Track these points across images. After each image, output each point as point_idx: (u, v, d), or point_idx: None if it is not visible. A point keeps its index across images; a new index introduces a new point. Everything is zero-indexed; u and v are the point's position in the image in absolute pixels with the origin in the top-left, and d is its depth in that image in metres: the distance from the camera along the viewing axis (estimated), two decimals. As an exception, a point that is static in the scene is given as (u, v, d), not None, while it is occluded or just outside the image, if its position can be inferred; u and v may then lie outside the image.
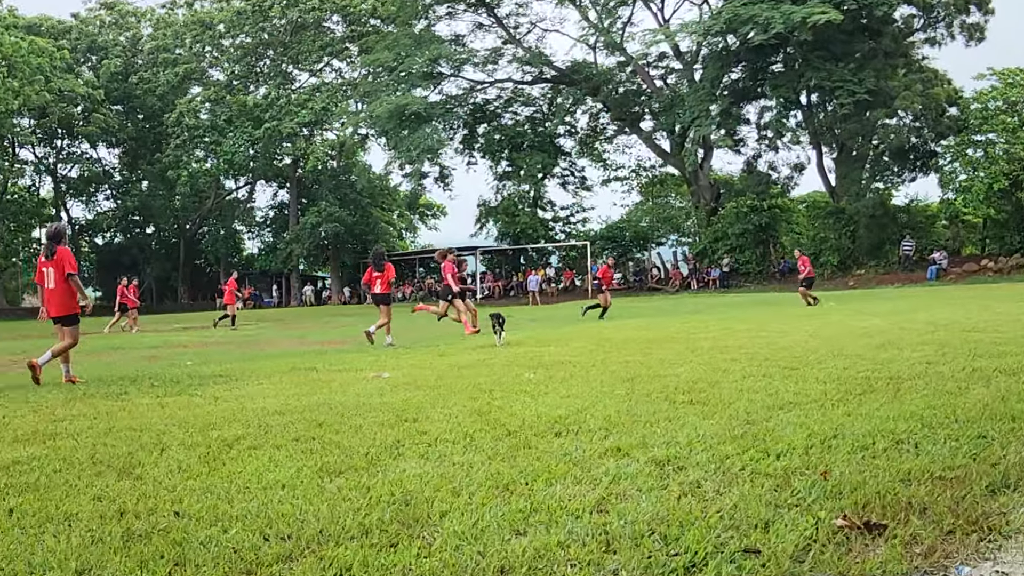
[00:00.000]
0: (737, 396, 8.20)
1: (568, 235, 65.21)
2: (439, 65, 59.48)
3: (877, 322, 17.81)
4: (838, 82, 49.65)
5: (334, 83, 65.82)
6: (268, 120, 61.40)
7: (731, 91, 54.74)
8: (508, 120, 63.16)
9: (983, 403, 7.08)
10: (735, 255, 54.71)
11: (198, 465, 6.18)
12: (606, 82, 59.45)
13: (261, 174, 69.69)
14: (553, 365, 12.08)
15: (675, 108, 55.01)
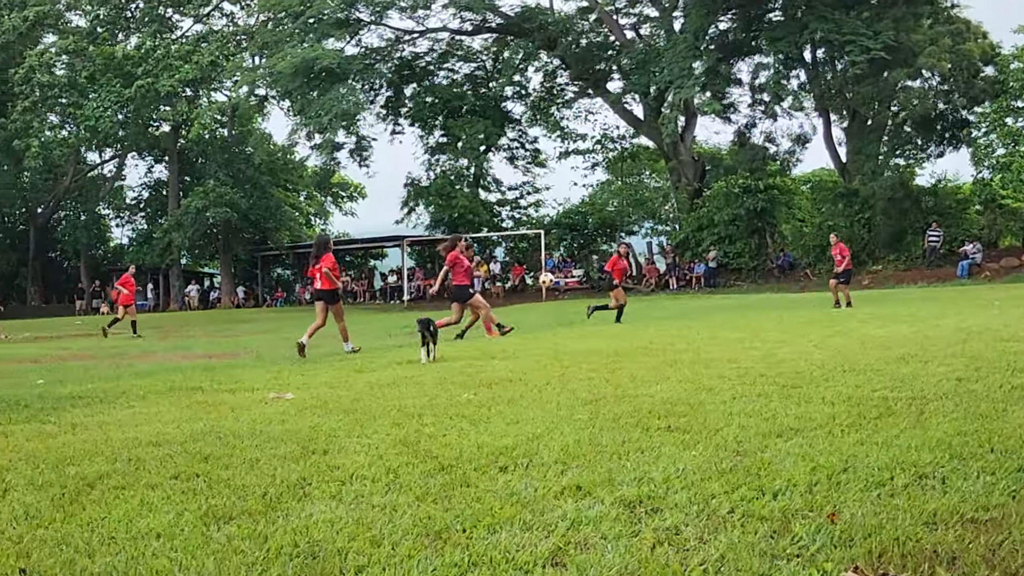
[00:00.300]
0: (725, 421, 8.23)
1: (517, 222, 65.22)
2: (357, 10, 59.14)
3: (897, 329, 17.94)
4: (849, 35, 50.01)
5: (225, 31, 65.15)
6: (141, 77, 60.28)
7: (719, 45, 55.01)
8: (443, 79, 63.02)
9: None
10: (724, 247, 54.84)
11: (50, 510, 6.09)
12: (564, 33, 59.30)
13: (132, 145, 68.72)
14: (499, 383, 12.04)
15: (650, 65, 55.07)
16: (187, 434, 8.92)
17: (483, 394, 10.96)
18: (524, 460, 6.97)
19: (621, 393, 10.42)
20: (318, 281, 20.78)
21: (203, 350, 24.18)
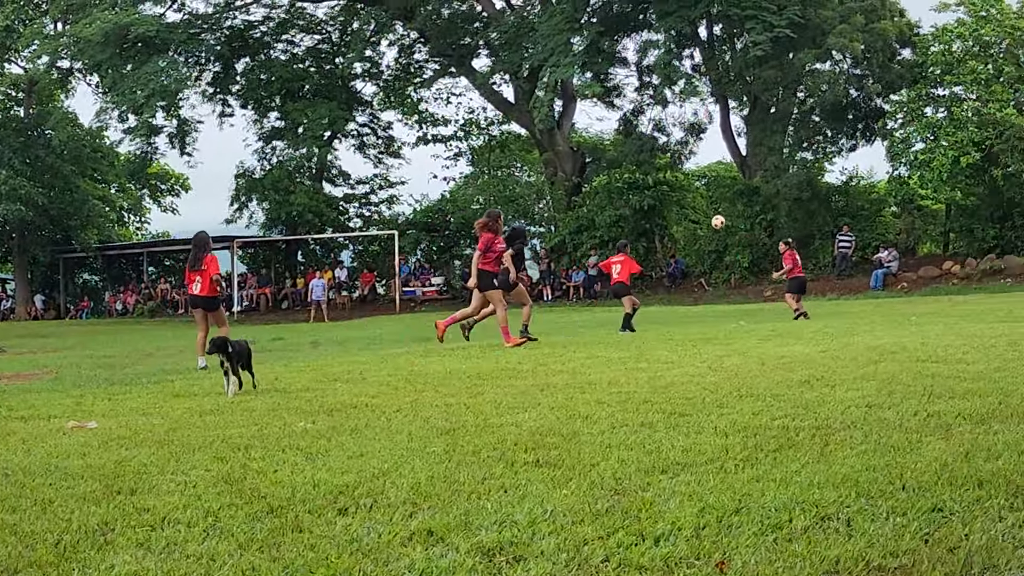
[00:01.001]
0: (603, 454, 8.26)
1: (367, 221, 65.08)
2: (180, -31, 58.92)
3: (801, 348, 18.17)
4: (750, 10, 50.74)
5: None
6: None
7: (602, 18, 55.46)
8: (281, 54, 62.75)
9: (940, 462, 7.28)
10: (607, 252, 54.94)
11: None
12: (424, 1, 59.41)
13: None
14: (341, 410, 12.00)
15: (522, 40, 55.33)
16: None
17: (322, 422, 10.89)
18: (368, 500, 6.93)
19: (483, 422, 10.41)
20: (196, 285, 20.83)
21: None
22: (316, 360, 21.35)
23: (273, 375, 17.34)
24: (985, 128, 50.99)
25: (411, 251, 62.14)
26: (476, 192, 64.59)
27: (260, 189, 62.95)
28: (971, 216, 52.89)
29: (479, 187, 65.05)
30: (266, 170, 63.41)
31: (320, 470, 8.09)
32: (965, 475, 6.85)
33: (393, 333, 32.21)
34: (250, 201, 63.42)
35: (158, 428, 11.06)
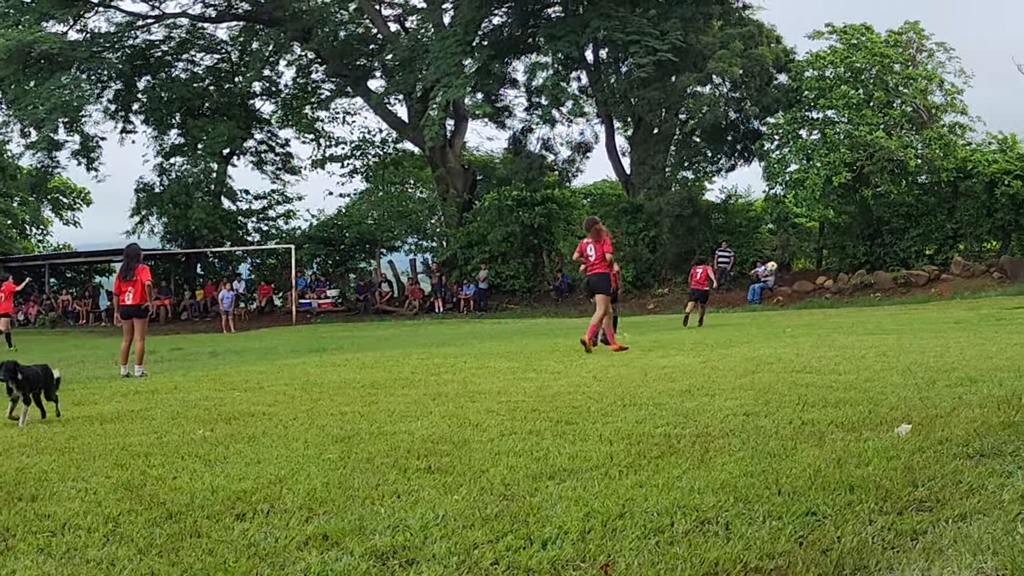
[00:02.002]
0: (492, 461, 8.27)
1: (265, 235, 64.69)
2: (83, -10, 58.32)
3: (683, 359, 18.29)
4: (634, 35, 51.04)
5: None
6: None
7: (492, 41, 55.57)
8: (182, 72, 62.12)
9: (814, 468, 7.37)
10: (496, 266, 55.11)
11: None
12: (321, 23, 59.17)
13: None
14: (239, 418, 11.93)
15: (416, 62, 55.32)
16: None
17: (221, 430, 10.83)
18: (264, 506, 6.91)
19: (377, 430, 10.40)
20: (129, 296, 20.68)
21: None
22: (215, 370, 21.19)
23: (172, 384, 17.19)
24: (856, 150, 51.58)
25: (308, 264, 61.86)
26: (371, 207, 64.29)
27: (159, 203, 62.39)
28: (843, 233, 53.49)
29: (373, 203, 64.72)
30: (165, 185, 62.81)
31: (218, 476, 8.04)
32: (837, 480, 6.93)
33: (290, 344, 32.04)
34: (150, 215, 62.80)
35: (59, 436, 10.94)
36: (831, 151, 52.49)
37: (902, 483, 6.83)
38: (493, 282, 55.05)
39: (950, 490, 6.64)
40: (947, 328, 23.79)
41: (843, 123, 53.41)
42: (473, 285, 55.12)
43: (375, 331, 40.55)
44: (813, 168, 52.88)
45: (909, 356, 16.56)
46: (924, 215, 51.88)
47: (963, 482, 6.86)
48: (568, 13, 54.17)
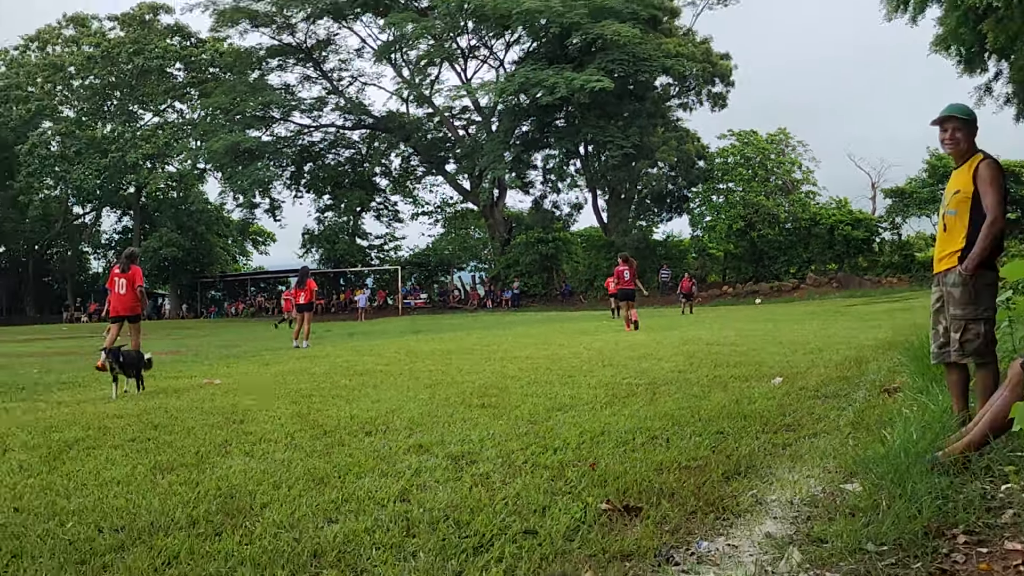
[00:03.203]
0: (522, 400, 8.27)
1: (382, 260, 64.72)
2: (270, 110, 58.43)
3: (639, 337, 18.29)
4: (609, 137, 50.97)
5: (176, 122, 63.28)
6: (114, 152, 58.73)
7: (522, 141, 55.52)
8: (331, 160, 62.22)
9: (721, 405, 7.35)
10: (524, 279, 55.18)
11: (39, 464, 5.87)
12: (416, 130, 59.31)
13: (107, 201, 66.27)
14: (367, 373, 11.96)
15: (475, 154, 55.34)
16: (142, 409, 8.67)
17: (356, 381, 10.87)
18: (383, 427, 6.94)
19: (451, 380, 10.43)
20: (302, 297, 21.20)
21: (157, 348, 23.35)
22: (352, 343, 21.25)
23: (325, 352, 17.23)
24: (747, 207, 51.45)
25: (407, 278, 61.92)
26: (447, 244, 64.24)
27: (318, 241, 62.61)
28: (738, 259, 53.27)
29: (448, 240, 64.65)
30: (321, 229, 62.99)
31: (354, 409, 8.07)
32: (736, 412, 6.91)
33: (397, 328, 32.06)
34: (312, 248, 62.95)
35: (256, 384, 11.00)
36: (731, 208, 52.43)
37: (776, 414, 6.81)
38: (522, 289, 54.86)
39: (806, 419, 6.62)
40: (804, 318, 23.65)
41: (739, 191, 53.24)
42: (510, 291, 54.92)
43: (449, 320, 40.55)
44: (720, 219, 52.79)
45: (780, 335, 16.48)
46: (789, 248, 51.65)
47: (814, 414, 6.84)
48: (568, 123, 54.03)
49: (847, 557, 3.37)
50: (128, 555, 3.69)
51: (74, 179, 60.01)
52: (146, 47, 60.55)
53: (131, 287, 14.71)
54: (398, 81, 58.80)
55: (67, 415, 8.45)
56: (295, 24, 57.32)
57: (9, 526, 4.22)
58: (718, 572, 3.32)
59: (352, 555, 3.59)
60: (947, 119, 5.51)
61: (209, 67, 61.39)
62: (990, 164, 5.39)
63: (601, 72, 47.89)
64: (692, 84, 54.84)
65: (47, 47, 63.65)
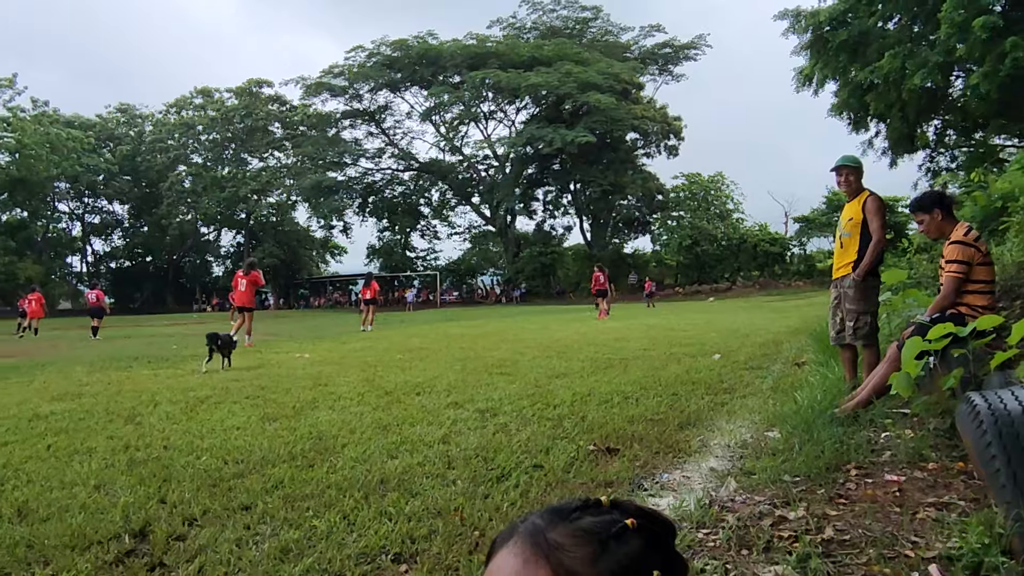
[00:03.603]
0: (529, 370, 8.27)
1: (425, 267, 64.61)
2: (344, 157, 58.43)
3: (614, 325, 18.25)
4: (592, 177, 50.99)
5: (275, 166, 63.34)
6: (230, 188, 59.17)
7: (528, 180, 55.56)
8: (388, 194, 61.95)
9: (676, 375, 7.35)
10: (529, 282, 55.03)
11: (180, 414, 5.91)
12: (450, 172, 59.28)
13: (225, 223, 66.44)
14: (416, 350, 11.97)
15: (494, 190, 55.32)
16: (254, 375, 8.69)
17: (408, 355, 10.86)
18: (428, 389, 6.94)
19: (476, 355, 10.42)
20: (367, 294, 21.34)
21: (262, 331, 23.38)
22: (403, 329, 21.22)
23: (383, 335, 17.23)
24: (693, 229, 51.33)
25: (444, 280, 61.88)
26: (472, 255, 64.00)
27: (378, 253, 62.57)
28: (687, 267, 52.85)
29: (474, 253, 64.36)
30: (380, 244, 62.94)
31: (407, 375, 8.07)
32: (687, 380, 6.90)
33: (436, 317, 32.03)
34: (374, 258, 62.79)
35: (336, 357, 11.01)
36: (682, 230, 52.32)
37: (716, 381, 6.81)
38: (528, 289, 54.76)
39: (738, 384, 6.61)
40: (735, 311, 23.59)
41: (687, 217, 53.14)
42: (519, 290, 54.84)
43: (475, 311, 40.52)
44: (673, 238, 52.66)
45: (718, 323, 16.43)
46: (724, 259, 51.40)
47: (744, 380, 6.83)
48: (562, 167, 53.96)
49: (770, 485, 3.38)
50: (246, 480, 3.72)
51: (201, 208, 60.44)
52: (253, 111, 60.78)
53: (249, 286, 14.87)
54: (437, 136, 58.81)
55: (198, 379, 8.48)
56: (362, 94, 57.43)
57: (162, 459, 4.26)
58: (676, 495, 3.33)
59: (409, 482, 3.62)
60: (841, 167, 5.53)
61: (299, 126, 61.38)
62: (875, 199, 5.40)
63: (586, 130, 47.91)
64: (653, 139, 54.71)
65: (181, 111, 63.92)
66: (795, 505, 3.07)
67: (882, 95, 21.33)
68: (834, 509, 3.02)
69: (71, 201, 64.16)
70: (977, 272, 4.40)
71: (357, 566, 2.57)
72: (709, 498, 3.24)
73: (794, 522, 2.89)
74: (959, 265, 4.41)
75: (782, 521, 2.91)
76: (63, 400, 6.98)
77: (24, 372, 10.13)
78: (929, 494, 3.17)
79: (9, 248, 52.57)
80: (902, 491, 3.22)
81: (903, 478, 3.39)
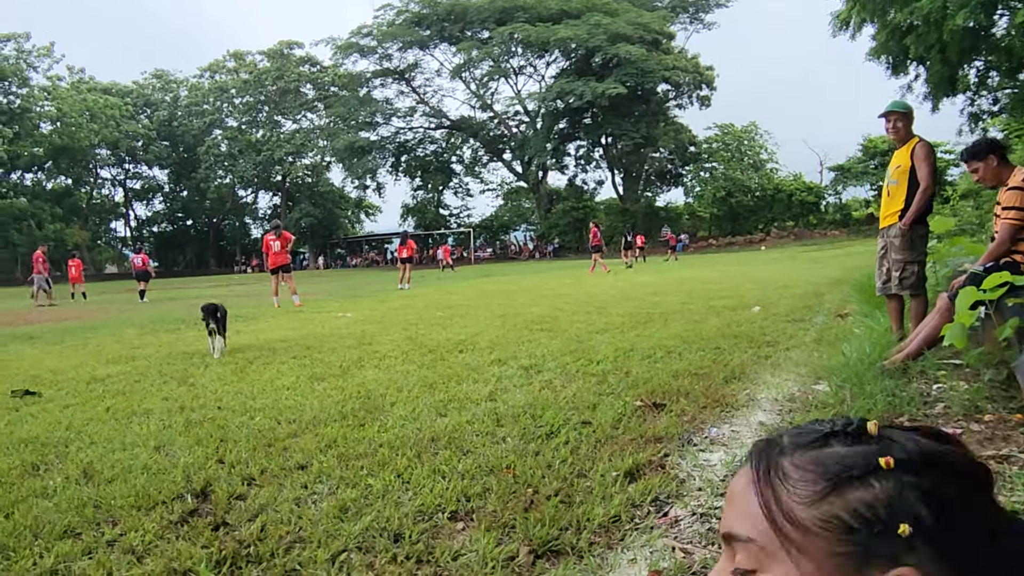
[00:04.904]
0: (569, 325, 8.24)
1: (458, 225, 64.58)
2: (376, 117, 58.24)
3: (648, 279, 18.12)
4: (623, 131, 50.22)
5: (308, 128, 63.51)
6: (265, 151, 59.49)
7: (559, 135, 54.87)
8: (420, 153, 61.68)
9: (717, 328, 7.26)
10: (562, 237, 54.83)
11: (231, 375, 5.98)
12: (482, 129, 58.88)
13: (262, 185, 66.93)
14: (454, 307, 11.99)
15: (524, 146, 54.86)
16: (299, 335, 8.77)
17: (447, 313, 10.89)
18: (471, 346, 6.93)
19: (516, 312, 10.40)
20: (404, 252, 21.02)
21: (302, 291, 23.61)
22: (439, 286, 21.28)
23: (421, 293, 17.29)
24: (727, 181, 50.59)
25: (478, 237, 61.84)
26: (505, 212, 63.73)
27: (412, 211, 62.63)
28: (721, 219, 52.42)
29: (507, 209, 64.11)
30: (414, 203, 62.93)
31: (448, 333, 8.09)
32: (728, 334, 6.82)
33: (472, 273, 32.16)
34: (408, 216, 62.94)
35: (377, 316, 11.07)
36: (715, 181, 51.55)
37: (758, 334, 6.71)
38: (560, 244, 54.64)
39: (781, 337, 6.51)
40: (770, 262, 23.30)
41: (720, 169, 52.29)
42: (552, 245, 54.72)
43: (508, 267, 40.58)
44: (707, 190, 51.94)
45: (754, 275, 16.24)
46: (758, 210, 50.71)
47: (787, 333, 6.72)
48: (593, 121, 53.17)
49: (822, 439, 3.32)
50: (301, 440, 3.76)
51: (238, 171, 60.90)
52: (285, 73, 60.75)
53: (283, 246, 14.94)
54: (467, 93, 58.72)
55: (246, 340, 8.58)
56: (392, 54, 56.99)
57: (216, 419, 4.31)
58: (727, 450, 3.29)
59: (459, 440, 3.62)
60: (890, 113, 5.33)
61: (331, 87, 61.22)
62: (924, 145, 5.21)
63: (617, 82, 47.06)
64: (685, 90, 53.58)
65: (215, 75, 64.02)
66: (850, 459, 3.01)
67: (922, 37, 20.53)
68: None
69: (112, 168, 65.14)
70: (1035, 219, 4.24)
71: (416, 524, 2.57)
72: (761, 453, 3.19)
73: (850, 477, 2.83)
74: (1017, 212, 4.24)
75: (838, 476, 2.85)
76: (117, 363, 7.12)
77: (78, 335, 10.35)
78: (988, 447, 3.08)
79: (56, 215, 53.60)
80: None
81: (960, 431, 3.31)
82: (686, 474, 3.00)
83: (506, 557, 2.30)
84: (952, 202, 12.32)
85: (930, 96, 24.65)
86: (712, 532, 2.44)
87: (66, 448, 3.84)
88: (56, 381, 6.13)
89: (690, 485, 2.88)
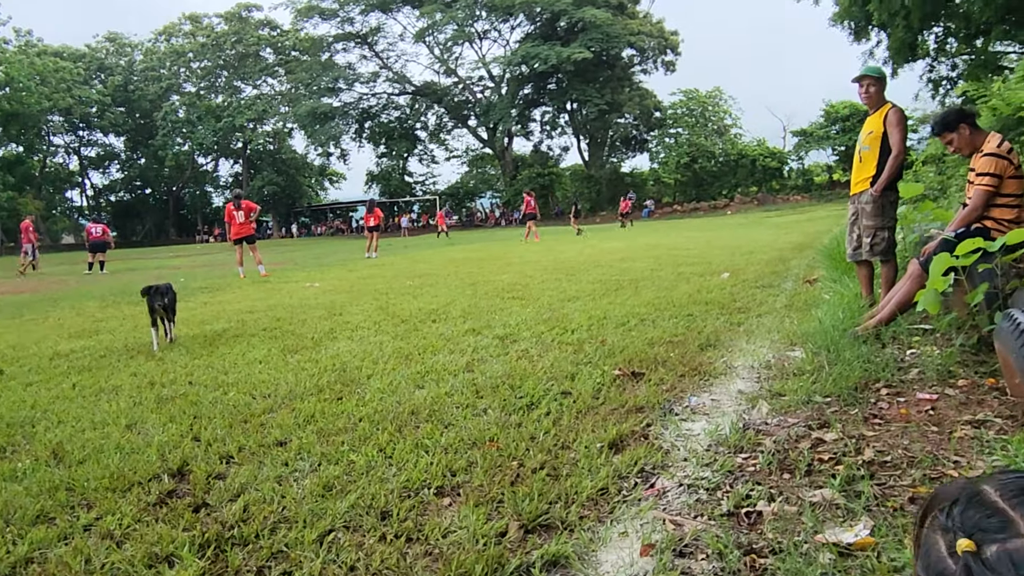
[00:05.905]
0: (541, 293, 8.21)
1: (423, 192, 64.03)
2: (338, 82, 57.19)
3: (617, 245, 18.11)
4: (589, 96, 50.01)
5: (269, 93, 62.01)
6: (225, 117, 58.11)
7: (524, 101, 54.43)
8: (384, 119, 60.82)
9: (687, 295, 7.28)
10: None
11: (200, 349, 5.86)
12: (446, 95, 58.12)
13: (222, 153, 65.42)
14: (423, 275, 11.88)
15: (490, 111, 54.33)
16: (267, 306, 8.62)
17: (417, 281, 10.78)
18: (443, 315, 6.87)
19: (485, 280, 10.34)
20: (371, 221, 20.81)
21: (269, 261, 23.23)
22: (406, 255, 21.08)
23: (389, 262, 17.12)
24: (691, 147, 50.74)
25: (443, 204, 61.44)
26: (471, 179, 63.34)
27: (376, 179, 61.96)
28: (685, 185, 52.81)
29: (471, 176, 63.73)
30: (379, 170, 62.21)
31: (420, 302, 8.00)
32: (700, 300, 6.83)
33: (438, 242, 31.96)
34: (372, 184, 62.26)
35: (345, 285, 10.92)
36: (679, 147, 51.69)
37: (729, 300, 6.74)
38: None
39: (751, 303, 6.55)
40: (735, 227, 23.46)
41: (685, 134, 52.42)
42: (518, 212, 54.47)
43: (474, 235, 40.39)
44: (671, 155, 52.05)
45: (720, 241, 16.34)
46: (722, 176, 51.13)
47: (757, 299, 6.76)
48: (558, 87, 52.81)
49: (802, 406, 3.35)
50: (277, 415, 3.68)
51: (197, 138, 59.43)
52: (244, 37, 59.31)
53: (246, 216, 14.62)
54: (431, 58, 57.95)
55: (213, 312, 8.41)
56: (353, 17, 55.93)
57: (188, 395, 4.21)
58: (708, 419, 3.30)
59: (440, 412, 3.58)
60: (863, 77, 5.32)
61: (291, 51, 59.88)
62: (896, 111, 5.22)
63: (582, 47, 46.77)
64: (650, 55, 53.50)
65: (171, 39, 62.18)
66: (832, 426, 3.03)
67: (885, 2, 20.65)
68: (870, 430, 2.99)
69: (66, 135, 63.08)
70: (1007, 185, 4.26)
71: (402, 501, 2.53)
72: (743, 422, 3.20)
73: (832, 444, 2.85)
74: (991, 178, 4.26)
75: (820, 443, 2.87)
76: (81, 337, 6.93)
77: (37, 308, 10.07)
78: (963, 412, 3.13)
79: (8, 183, 51.90)
80: (936, 409, 3.18)
81: (935, 396, 3.35)
82: (670, 444, 2.99)
83: (497, 533, 2.27)
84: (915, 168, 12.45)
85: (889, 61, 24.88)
86: (700, 503, 2.44)
87: (33, 428, 3.72)
88: (17, 357, 5.94)
89: (675, 456, 2.87)
